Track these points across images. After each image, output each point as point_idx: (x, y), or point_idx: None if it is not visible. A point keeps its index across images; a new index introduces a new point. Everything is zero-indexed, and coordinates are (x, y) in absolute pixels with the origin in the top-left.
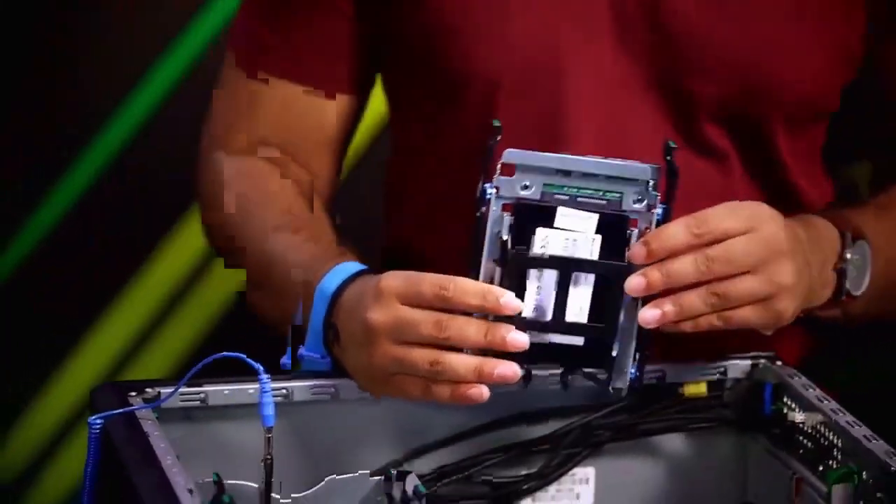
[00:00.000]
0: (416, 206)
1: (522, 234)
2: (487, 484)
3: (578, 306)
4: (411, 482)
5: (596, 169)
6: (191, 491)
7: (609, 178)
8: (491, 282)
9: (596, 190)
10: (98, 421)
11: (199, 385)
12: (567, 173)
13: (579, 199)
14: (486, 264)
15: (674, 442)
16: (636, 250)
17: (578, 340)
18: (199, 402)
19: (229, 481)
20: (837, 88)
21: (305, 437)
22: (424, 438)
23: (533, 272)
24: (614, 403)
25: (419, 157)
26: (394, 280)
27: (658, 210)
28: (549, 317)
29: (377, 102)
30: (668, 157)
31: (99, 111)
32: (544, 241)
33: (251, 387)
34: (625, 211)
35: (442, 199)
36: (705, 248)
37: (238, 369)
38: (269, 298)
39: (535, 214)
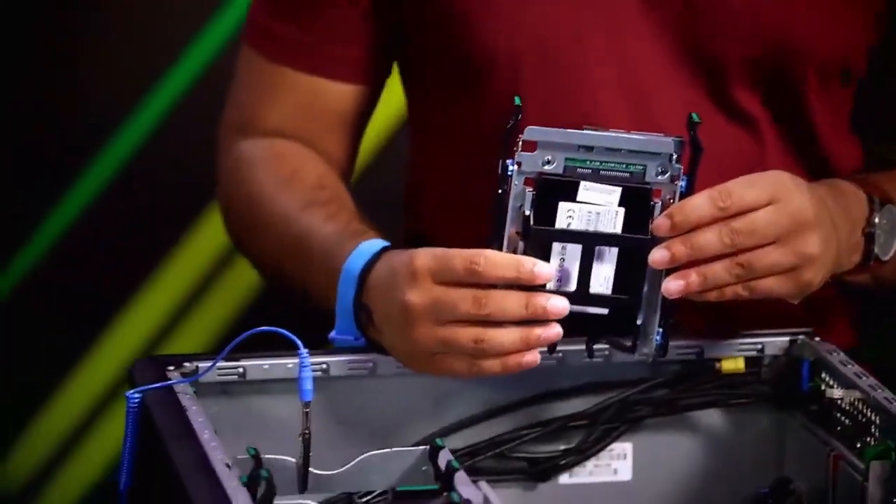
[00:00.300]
0: (439, 197)
1: (545, 208)
2: (525, 459)
3: (603, 278)
4: (444, 457)
5: (618, 143)
6: (228, 465)
7: (632, 151)
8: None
9: (619, 163)
10: (136, 395)
11: (238, 359)
12: (589, 148)
13: (602, 172)
14: (508, 239)
15: (711, 417)
16: (660, 223)
17: (603, 311)
18: (237, 377)
19: (267, 456)
20: (864, 47)
21: (342, 412)
22: (461, 414)
23: (556, 246)
24: (652, 379)
25: (441, 147)
26: (426, 258)
27: (681, 182)
28: (573, 289)
29: (393, 101)
30: (692, 131)
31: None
32: (568, 215)
33: (289, 361)
34: (648, 183)
35: (465, 188)
36: (729, 220)
37: (276, 344)
38: (299, 274)
39: (557, 189)
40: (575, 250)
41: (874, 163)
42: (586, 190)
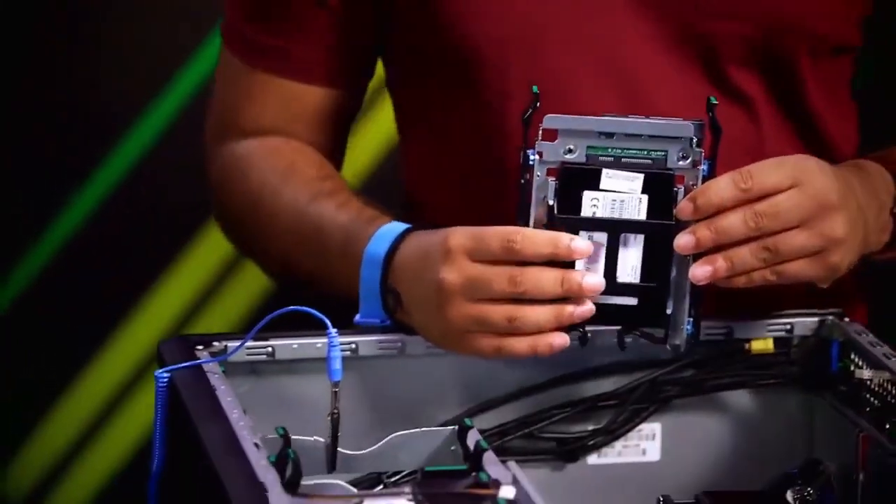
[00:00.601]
0: (436, 196)
1: (568, 198)
2: (553, 439)
3: (630, 267)
4: (473, 437)
5: (639, 129)
6: (257, 445)
7: (652, 137)
8: None
9: (640, 150)
10: (165, 375)
11: (266, 339)
12: (610, 135)
13: (624, 160)
14: (534, 225)
15: (740, 398)
16: (683, 206)
17: (632, 301)
18: (265, 356)
19: (295, 436)
20: (857, 20)
21: (371, 392)
22: (490, 394)
23: (582, 235)
24: (681, 359)
25: (434, 146)
26: (461, 237)
27: (703, 166)
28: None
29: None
30: (711, 114)
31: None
32: (592, 204)
33: (318, 341)
34: (670, 169)
35: (463, 183)
36: (753, 203)
37: (305, 323)
38: (315, 265)
39: (580, 178)
40: (601, 239)
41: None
42: (609, 178)
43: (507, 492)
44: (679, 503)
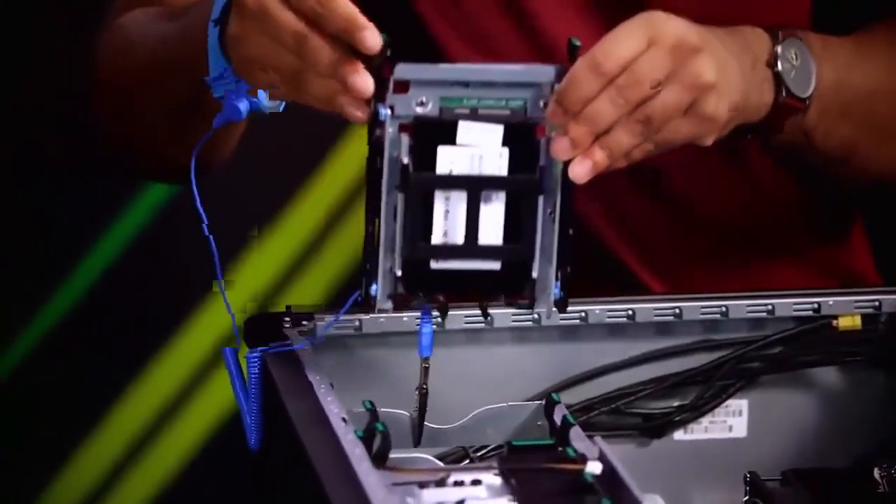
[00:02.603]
0: None
1: (423, 154)
2: (640, 415)
3: (492, 227)
4: (560, 412)
5: (495, 76)
6: (344, 419)
7: (510, 84)
8: (394, 210)
9: (498, 99)
10: (256, 354)
11: (354, 313)
12: (465, 84)
13: (481, 111)
14: (387, 190)
15: (828, 375)
16: (552, 112)
17: (495, 265)
18: (353, 330)
19: (383, 409)
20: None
21: (457, 367)
22: (575, 371)
23: (439, 195)
24: (768, 336)
25: None
26: None
27: None
28: (461, 241)
29: None
30: (573, 58)
31: None
32: (448, 161)
33: (405, 315)
34: (531, 118)
35: None
36: (616, 79)
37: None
38: (173, 53)
39: (435, 132)
40: (460, 198)
41: None
42: (466, 131)
43: (593, 467)
44: (766, 480)
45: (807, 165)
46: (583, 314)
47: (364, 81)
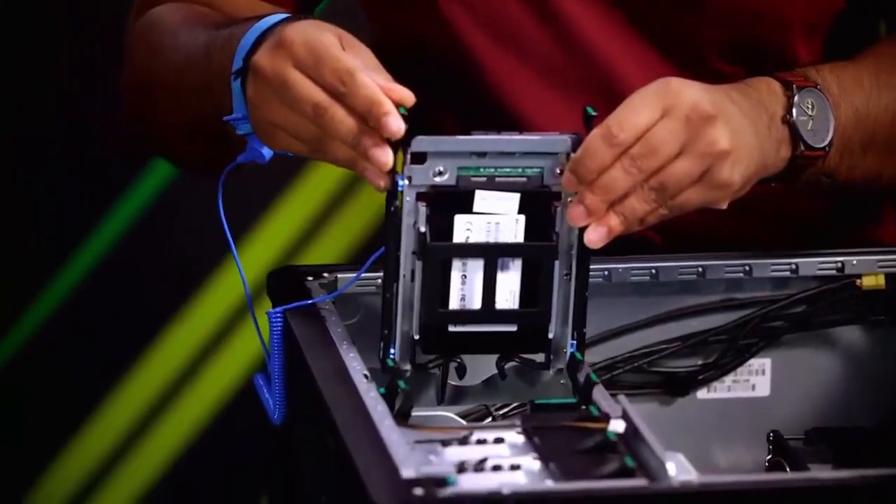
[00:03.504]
0: None
1: (441, 223)
2: (663, 374)
3: (508, 292)
4: (583, 370)
5: (511, 146)
6: (367, 376)
7: (526, 153)
8: (412, 277)
9: (514, 168)
10: (278, 313)
11: (376, 271)
12: (482, 154)
13: (497, 179)
14: (405, 258)
15: (851, 334)
16: (567, 180)
17: (512, 328)
18: (374, 288)
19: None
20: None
21: None
22: (599, 328)
23: (456, 262)
24: (792, 295)
25: None
26: (300, 38)
27: None
28: (478, 306)
29: None
30: (589, 128)
31: None
32: (466, 228)
33: None
34: (546, 186)
35: None
36: (629, 149)
37: None
38: (201, 77)
39: (452, 201)
40: (476, 265)
41: None
42: (483, 199)
43: (616, 425)
44: (789, 438)
45: (831, 193)
46: (606, 273)
47: (384, 156)
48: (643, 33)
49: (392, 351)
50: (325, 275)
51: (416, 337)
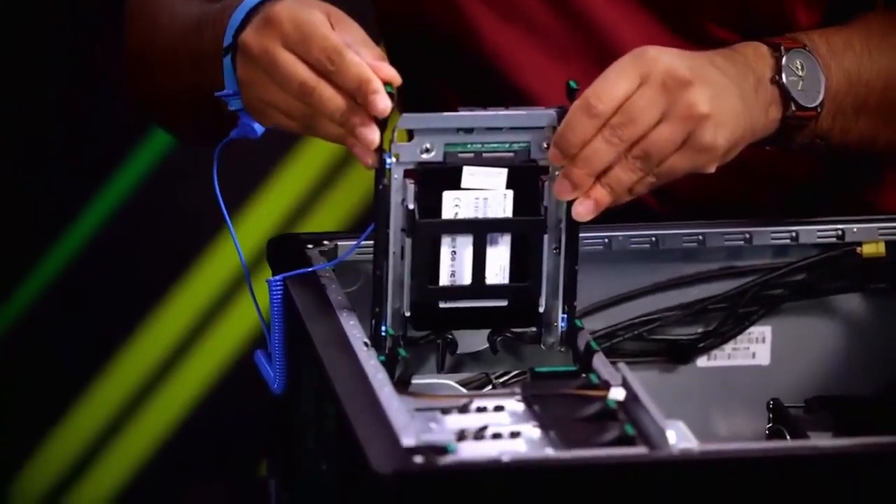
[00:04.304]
0: None
1: (429, 200)
2: (663, 341)
3: (498, 267)
4: (583, 338)
5: (497, 122)
6: (366, 344)
7: (513, 128)
8: (402, 254)
9: (501, 143)
10: (278, 280)
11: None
12: (469, 130)
13: (485, 154)
14: (394, 236)
15: (851, 302)
16: (552, 154)
17: (502, 302)
18: None
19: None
20: None
21: None
22: (600, 295)
23: (445, 238)
24: (792, 263)
25: None
26: (288, 15)
27: None
28: (468, 282)
29: None
30: (571, 99)
31: None
32: (454, 205)
33: None
34: (534, 160)
35: None
36: (610, 119)
37: None
38: (192, 51)
39: (440, 178)
40: (465, 241)
41: None
42: (470, 175)
43: (616, 393)
44: (789, 406)
45: (826, 156)
46: (606, 240)
47: (371, 134)
48: (646, 4)
49: (384, 328)
50: (325, 242)
51: (407, 314)
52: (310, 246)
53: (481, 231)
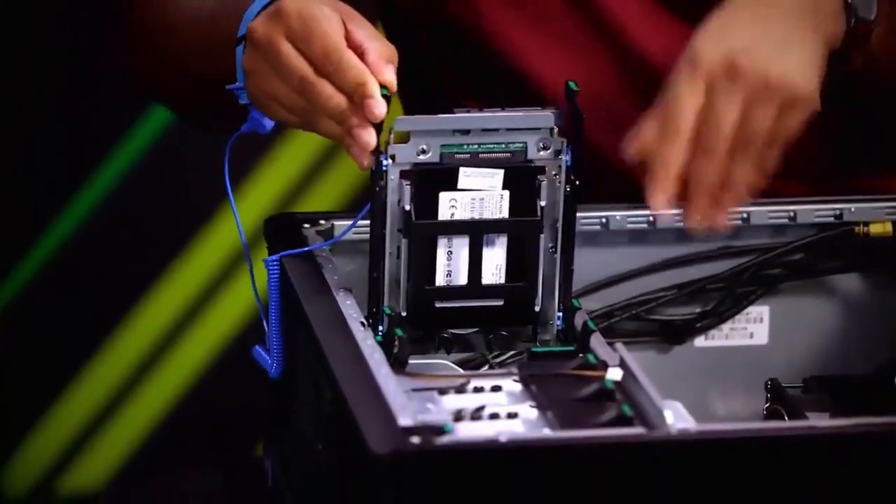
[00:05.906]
0: None
1: (425, 201)
2: (661, 321)
3: (494, 267)
4: (581, 318)
5: (494, 123)
6: (363, 324)
7: (509, 129)
8: (398, 254)
9: (497, 144)
10: (274, 260)
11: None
12: (465, 132)
13: (481, 155)
14: (390, 236)
15: (849, 282)
16: (658, 201)
17: (498, 302)
18: None
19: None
20: None
21: None
22: (597, 276)
23: (441, 239)
24: (791, 242)
25: None
26: (293, 9)
27: (566, 156)
28: (464, 282)
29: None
30: (571, 100)
31: None
32: (450, 206)
33: None
34: (531, 161)
35: None
36: (700, 135)
37: None
38: (211, 42)
39: (436, 179)
40: (462, 242)
41: None
42: (467, 176)
43: (614, 373)
44: (787, 387)
45: (863, 98)
46: (603, 220)
47: (367, 136)
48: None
49: (381, 328)
50: (322, 222)
51: (404, 314)
52: (306, 225)
53: (477, 232)
